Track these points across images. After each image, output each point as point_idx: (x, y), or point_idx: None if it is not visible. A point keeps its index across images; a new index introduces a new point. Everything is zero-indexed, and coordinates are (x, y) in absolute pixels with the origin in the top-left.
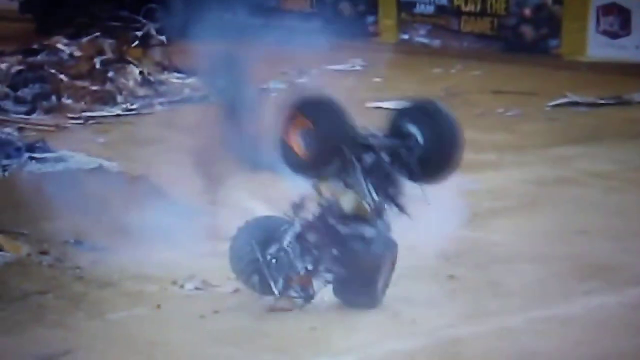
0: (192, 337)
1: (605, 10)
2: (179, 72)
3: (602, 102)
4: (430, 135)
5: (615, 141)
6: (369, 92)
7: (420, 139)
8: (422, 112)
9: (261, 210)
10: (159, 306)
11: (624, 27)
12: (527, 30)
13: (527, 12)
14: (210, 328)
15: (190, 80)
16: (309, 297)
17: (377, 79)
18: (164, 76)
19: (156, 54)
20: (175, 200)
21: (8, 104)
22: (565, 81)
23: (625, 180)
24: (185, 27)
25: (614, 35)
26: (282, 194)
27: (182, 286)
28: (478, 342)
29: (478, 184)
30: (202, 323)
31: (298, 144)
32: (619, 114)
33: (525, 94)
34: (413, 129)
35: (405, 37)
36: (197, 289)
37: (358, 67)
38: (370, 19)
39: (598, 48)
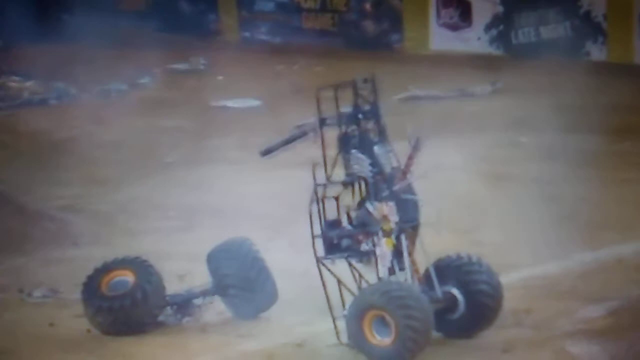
0: (42, 345)
1: (445, 2)
2: (16, 75)
3: (446, 95)
4: (471, 295)
5: (460, 134)
6: (213, 91)
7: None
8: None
9: None
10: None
11: (465, 19)
12: (369, 25)
13: (368, 7)
14: (58, 335)
15: (29, 84)
16: None
17: (220, 77)
18: (1, 80)
19: None
20: (22, 206)
21: None
22: (409, 76)
23: (471, 172)
24: (21, 30)
25: (455, 28)
26: None
27: (29, 294)
28: None
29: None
30: (51, 331)
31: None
32: (463, 107)
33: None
34: (454, 291)
35: (247, 34)
36: (44, 296)
37: (200, 66)
38: (211, 17)
39: (440, 41)
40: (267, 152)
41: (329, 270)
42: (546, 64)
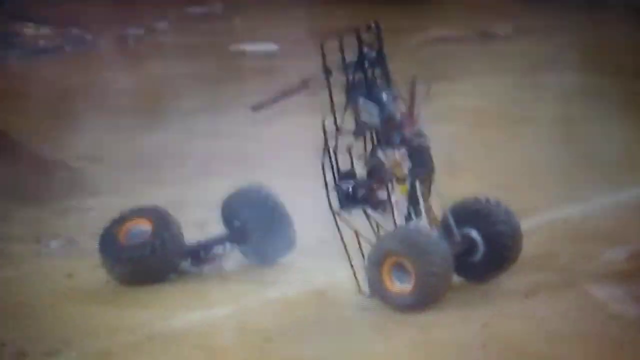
0: (59, 297)
1: None
2: (31, 21)
3: (466, 37)
4: (490, 238)
5: (480, 76)
6: (231, 35)
7: (480, 243)
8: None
9: None
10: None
11: None
12: None
13: None
14: (77, 286)
15: (44, 30)
16: None
17: (238, 21)
18: (16, 27)
19: None
20: (38, 155)
21: None
22: (429, 18)
23: (490, 115)
24: None
25: None
26: None
27: (46, 245)
28: None
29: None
30: (68, 282)
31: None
32: (485, 48)
33: (390, 31)
34: (473, 234)
35: None
36: (62, 247)
37: (218, 10)
38: None
39: None
40: (258, 107)
41: (345, 222)
42: (566, 5)
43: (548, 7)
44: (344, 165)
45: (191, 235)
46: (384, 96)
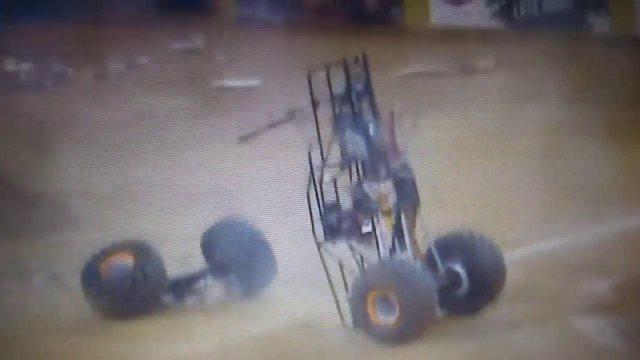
0: (43, 331)
1: None
2: (12, 57)
3: (447, 70)
4: (474, 272)
5: (462, 108)
6: (212, 70)
7: (464, 277)
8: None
9: None
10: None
11: None
12: (370, 1)
13: None
14: (61, 321)
15: (25, 65)
16: None
17: (219, 56)
18: None
19: None
20: (20, 190)
21: None
22: (410, 51)
23: (473, 147)
24: (17, 11)
25: (456, 1)
26: None
27: (29, 280)
28: None
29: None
30: (53, 317)
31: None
32: (464, 81)
33: (372, 64)
34: (457, 268)
35: (246, 11)
36: (45, 282)
37: (199, 45)
38: None
39: (441, 15)
40: (246, 138)
41: (329, 254)
42: (548, 37)
43: (530, 39)
44: (329, 197)
45: (174, 269)
46: (371, 128)
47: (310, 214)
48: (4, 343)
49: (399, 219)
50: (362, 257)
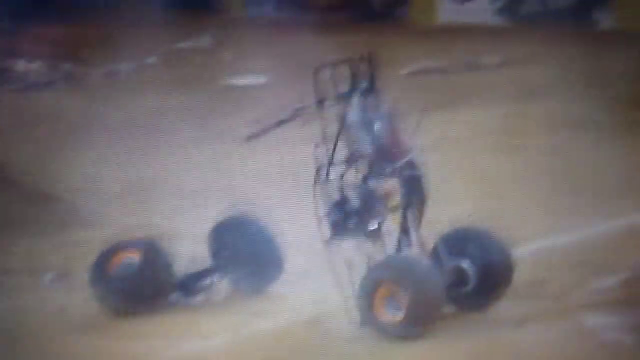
0: (54, 330)
1: None
2: (22, 57)
3: (454, 68)
4: (482, 268)
5: (469, 106)
6: (220, 69)
7: (472, 273)
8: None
9: None
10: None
11: None
12: (376, 0)
13: None
14: (72, 319)
15: (34, 66)
16: None
17: (227, 55)
18: (7, 63)
19: None
20: (30, 189)
21: None
22: (416, 48)
23: (480, 144)
24: (26, 11)
25: None
26: None
27: (40, 278)
28: None
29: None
30: (63, 315)
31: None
32: (471, 78)
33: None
34: (465, 264)
35: (253, 10)
36: (55, 280)
37: (207, 44)
38: None
39: (447, 13)
40: (253, 137)
41: (336, 251)
42: (554, 33)
43: (536, 36)
44: (336, 195)
45: (183, 267)
46: (377, 126)
47: (317, 211)
48: (14, 340)
49: (405, 216)
50: (369, 254)
